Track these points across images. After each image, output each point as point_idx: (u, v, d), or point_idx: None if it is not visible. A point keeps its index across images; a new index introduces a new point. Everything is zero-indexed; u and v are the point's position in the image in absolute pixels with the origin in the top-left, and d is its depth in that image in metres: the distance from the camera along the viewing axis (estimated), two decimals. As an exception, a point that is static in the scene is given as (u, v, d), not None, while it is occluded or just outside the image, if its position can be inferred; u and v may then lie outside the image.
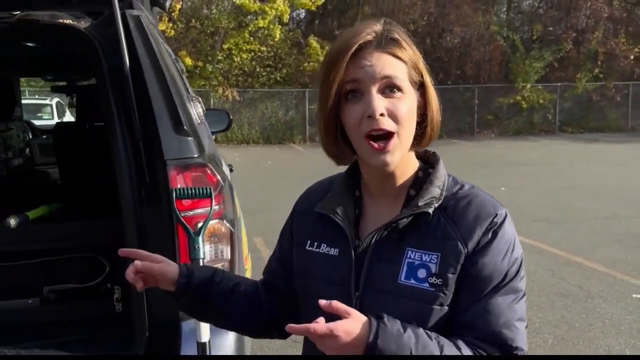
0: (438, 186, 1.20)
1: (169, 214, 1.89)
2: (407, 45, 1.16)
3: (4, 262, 2.24)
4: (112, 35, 2.10)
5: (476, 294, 1.15)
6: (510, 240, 1.18)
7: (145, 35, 2.05)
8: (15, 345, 1.99)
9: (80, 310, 2.25)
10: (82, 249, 2.27)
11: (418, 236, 1.18)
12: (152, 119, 1.97)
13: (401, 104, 1.13)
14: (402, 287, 1.16)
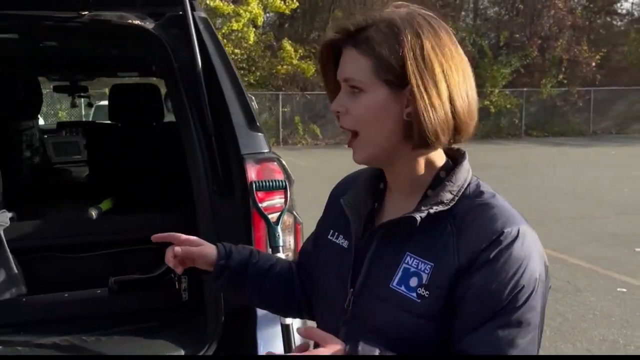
0: (451, 191, 1.11)
1: (243, 205, 2.00)
2: (381, 42, 1.06)
3: (74, 254, 2.30)
4: (177, 36, 2.20)
5: (471, 321, 1.03)
6: (517, 262, 1.03)
7: (214, 36, 2.16)
8: (89, 334, 2.05)
9: (147, 300, 2.32)
10: (147, 241, 2.33)
11: (421, 242, 1.10)
12: (225, 116, 2.07)
13: (357, 104, 1.09)
14: (392, 293, 1.10)
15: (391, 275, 1.10)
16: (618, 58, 26.83)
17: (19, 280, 1.99)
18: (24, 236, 2.11)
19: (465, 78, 1.10)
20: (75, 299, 2.21)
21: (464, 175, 1.13)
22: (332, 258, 1.25)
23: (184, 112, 2.10)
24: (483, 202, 1.10)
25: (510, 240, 1.03)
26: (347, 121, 1.11)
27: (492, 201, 1.10)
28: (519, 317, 1.02)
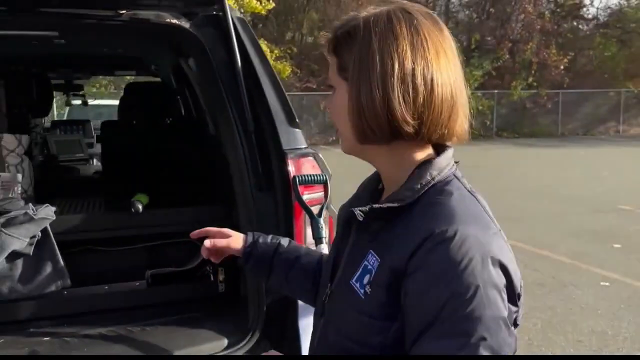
0: (412, 187, 1.06)
1: (283, 199, 2.07)
2: (343, 46, 1.09)
3: (112, 247, 2.33)
4: (213, 35, 2.26)
5: (411, 331, 0.98)
6: (450, 267, 0.94)
7: (252, 35, 2.23)
8: (134, 325, 2.10)
9: (185, 291, 2.37)
10: (182, 235, 2.39)
11: (382, 240, 1.07)
12: (266, 113, 2.14)
13: (330, 102, 1.14)
14: (348, 288, 1.09)
15: (354, 271, 1.09)
16: (584, 62, 27.63)
17: (65, 273, 2.02)
18: (66, 230, 2.14)
19: (436, 75, 1.04)
20: (116, 291, 2.26)
21: (432, 172, 1.07)
22: (330, 252, 1.29)
23: (224, 110, 2.16)
24: (435, 200, 1.04)
25: (442, 241, 0.96)
26: (331, 116, 1.16)
27: (443, 200, 1.03)
28: (454, 327, 0.93)
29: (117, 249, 2.34)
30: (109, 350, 1.92)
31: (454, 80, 1.07)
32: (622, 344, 4.23)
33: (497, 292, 0.95)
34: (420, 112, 1.04)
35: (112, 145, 3.02)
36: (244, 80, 2.13)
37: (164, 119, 3.14)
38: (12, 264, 1.96)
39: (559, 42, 25.37)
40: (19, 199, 2.07)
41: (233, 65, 2.14)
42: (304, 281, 1.41)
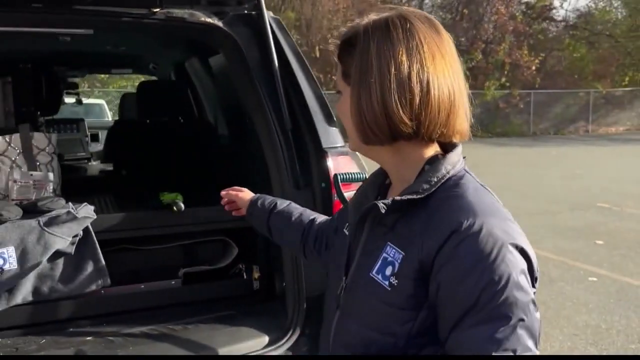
0: (428, 181, 1.12)
1: (322, 197, 2.10)
2: (345, 53, 1.17)
3: (147, 246, 2.32)
4: (246, 34, 2.27)
5: (451, 319, 1.03)
6: (481, 256, 1.01)
7: (287, 35, 2.24)
8: (174, 323, 2.09)
9: (220, 289, 2.36)
10: (215, 233, 2.39)
11: (401, 232, 1.12)
12: (304, 112, 2.16)
13: (338, 104, 1.21)
14: (370, 280, 1.13)
15: (373, 264, 1.13)
16: (554, 63, 28.25)
17: (105, 272, 2.01)
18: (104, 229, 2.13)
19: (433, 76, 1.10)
20: (152, 290, 2.25)
21: (447, 167, 1.13)
22: (338, 248, 1.33)
23: (261, 108, 2.18)
24: (453, 194, 1.10)
25: (471, 233, 1.02)
26: (340, 118, 1.24)
27: (461, 193, 1.09)
28: (492, 312, 0.99)
29: (151, 248, 2.33)
30: (154, 348, 1.91)
31: (452, 81, 1.13)
32: (616, 337, 4.37)
33: (524, 276, 1.03)
34: (417, 113, 1.09)
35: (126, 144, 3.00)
36: (282, 79, 2.14)
37: (177, 118, 3.13)
38: (53, 264, 1.94)
39: (530, 43, 25.89)
40: (59, 197, 2.04)
41: (269, 64, 2.16)
42: (294, 239, 1.66)
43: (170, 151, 2.85)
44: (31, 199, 2.14)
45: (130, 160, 3.03)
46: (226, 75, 2.60)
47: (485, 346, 0.99)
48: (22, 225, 1.89)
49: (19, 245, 1.85)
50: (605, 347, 4.22)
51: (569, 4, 31.63)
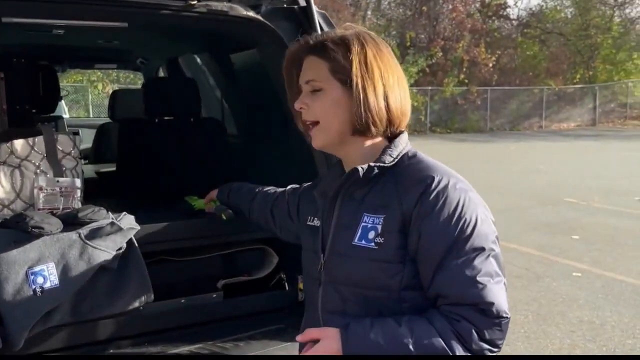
0: (390, 154, 1.35)
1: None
2: (337, 53, 1.34)
3: (185, 257, 2.14)
4: (286, 29, 2.13)
5: (432, 263, 1.24)
6: (454, 201, 1.26)
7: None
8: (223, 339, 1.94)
9: (264, 302, 2.21)
10: (253, 242, 2.24)
11: (374, 201, 1.33)
12: None
13: (318, 101, 1.35)
14: (355, 248, 1.30)
15: (352, 234, 1.32)
16: (509, 60, 28.92)
17: (150, 287, 1.84)
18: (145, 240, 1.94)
19: (399, 82, 1.38)
20: (194, 304, 2.08)
21: (402, 145, 1.38)
22: (306, 238, 1.50)
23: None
24: (414, 161, 1.35)
25: (443, 185, 1.27)
26: (309, 114, 1.37)
27: (422, 159, 1.36)
28: (471, 245, 1.24)
29: (189, 259, 2.16)
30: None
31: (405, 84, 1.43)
32: (611, 333, 4.44)
33: (487, 211, 1.32)
34: (403, 108, 1.38)
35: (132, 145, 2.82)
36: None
37: (188, 117, 2.96)
38: (94, 280, 1.75)
39: (487, 41, 26.40)
40: (100, 208, 1.85)
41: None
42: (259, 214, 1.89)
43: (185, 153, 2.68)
44: (59, 208, 1.95)
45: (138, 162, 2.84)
46: (258, 75, 2.45)
47: (468, 274, 1.21)
48: (61, 239, 1.70)
49: (59, 261, 1.67)
50: (604, 343, 4.27)
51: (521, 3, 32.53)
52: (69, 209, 1.96)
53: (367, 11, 27.01)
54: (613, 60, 28.84)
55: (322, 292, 1.38)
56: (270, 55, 2.20)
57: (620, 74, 28.64)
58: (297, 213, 1.68)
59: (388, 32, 25.36)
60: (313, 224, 1.49)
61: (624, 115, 27.37)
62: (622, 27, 29.85)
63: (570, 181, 11.77)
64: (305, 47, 1.40)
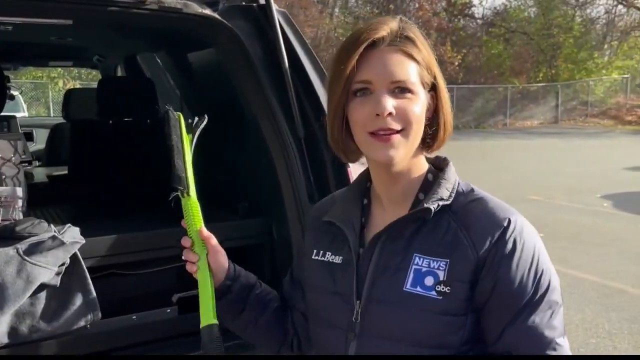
0: (447, 188, 1.16)
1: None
2: (422, 45, 1.13)
3: (137, 271, 2.01)
4: (245, 29, 2.03)
5: (507, 315, 1.07)
6: (532, 249, 1.09)
7: (297, 30, 2.01)
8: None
9: None
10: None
11: (426, 242, 1.12)
12: (317, 116, 1.93)
13: (412, 105, 1.10)
14: (408, 295, 1.10)
15: (402, 279, 1.11)
16: (474, 59, 29.28)
17: (96, 304, 1.70)
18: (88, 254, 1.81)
19: None
20: (146, 321, 1.95)
21: (453, 175, 1.19)
22: (321, 277, 1.23)
23: (268, 113, 1.93)
24: (478, 196, 1.16)
25: (519, 228, 1.09)
26: (396, 122, 1.09)
27: (485, 195, 1.17)
28: (548, 300, 1.07)
29: (141, 272, 2.03)
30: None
31: None
32: (575, 332, 4.45)
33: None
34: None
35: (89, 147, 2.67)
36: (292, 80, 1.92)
37: (145, 118, 2.83)
38: (34, 298, 1.61)
39: (452, 39, 26.66)
40: (41, 220, 1.71)
41: (277, 63, 1.92)
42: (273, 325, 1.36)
43: (142, 156, 2.55)
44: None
45: (91, 166, 2.70)
46: (216, 74, 2.34)
47: (547, 335, 1.06)
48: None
49: (-6, 279, 1.53)
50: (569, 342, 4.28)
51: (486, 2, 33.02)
52: (9, 220, 1.81)
53: (335, 9, 26.99)
54: (575, 59, 29.44)
55: (357, 347, 1.14)
56: (228, 54, 2.09)
57: (581, 73, 29.24)
58: None
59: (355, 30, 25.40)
60: (326, 260, 1.23)
61: (585, 113, 27.92)
62: (583, 26, 30.51)
63: (534, 178, 11.93)
64: (387, 37, 1.11)
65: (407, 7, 26.34)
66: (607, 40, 32.52)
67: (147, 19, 1.91)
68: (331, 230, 1.24)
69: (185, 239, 1.29)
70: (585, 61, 29.37)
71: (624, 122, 25.62)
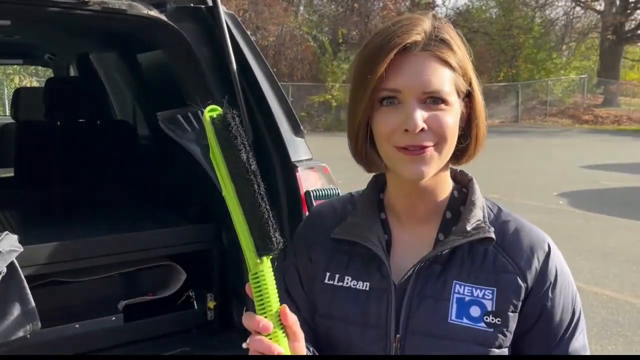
0: (480, 207, 1.06)
1: (290, 216, 1.87)
2: (458, 48, 1.01)
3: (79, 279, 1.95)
4: (192, 30, 1.99)
5: (551, 340, 1.03)
6: (568, 271, 1.07)
7: (245, 33, 1.98)
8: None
9: (169, 323, 2.05)
10: (159, 258, 2.08)
11: (465, 268, 1.03)
12: (267, 121, 1.91)
13: (446, 118, 0.98)
14: (454, 328, 1.00)
15: (444, 309, 1.01)
16: (437, 58, 29.57)
17: (35, 314, 1.65)
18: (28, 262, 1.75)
19: None
20: (90, 329, 1.89)
21: (479, 192, 1.10)
22: (342, 304, 1.06)
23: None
24: (509, 217, 1.08)
25: (555, 252, 1.05)
26: (429, 138, 0.97)
27: (516, 217, 1.09)
28: (582, 322, 1.06)
29: (85, 280, 1.97)
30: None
31: None
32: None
33: None
34: None
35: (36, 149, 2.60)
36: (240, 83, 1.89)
37: (95, 119, 2.76)
38: (-32, 310, 1.56)
39: (416, 38, 26.92)
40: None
41: (225, 66, 1.89)
42: None
43: (91, 158, 2.49)
44: None
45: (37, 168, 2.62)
46: (166, 76, 2.29)
47: (583, 353, 1.04)
48: None
49: None
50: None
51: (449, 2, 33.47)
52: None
53: (300, 7, 26.93)
54: (534, 59, 30.07)
55: None
56: (175, 56, 2.05)
57: (540, 73, 29.89)
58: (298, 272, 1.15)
59: (320, 28, 25.40)
60: (347, 286, 1.06)
61: (544, 112, 28.53)
62: (543, 27, 31.20)
63: (494, 177, 12.12)
64: (422, 41, 0.98)
65: (371, 6, 26.46)
66: (565, 41, 33.34)
67: (93, 19, 1.86)
68: (343, 249, 1.09)
69: (259, 320, 0.85)
70: (544, 61, 30.04)
71: (581, 121, 26.30)
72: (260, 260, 0.86)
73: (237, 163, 0.83)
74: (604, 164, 13.92)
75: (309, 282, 1.12)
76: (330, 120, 23.78)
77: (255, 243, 0.85)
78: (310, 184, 1.89)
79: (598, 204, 9.21)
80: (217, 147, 0.84)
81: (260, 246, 0.85)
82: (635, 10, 29.67)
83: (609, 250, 6.51)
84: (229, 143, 0.83)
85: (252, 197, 0.85)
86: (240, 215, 0.86)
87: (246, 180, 0.84)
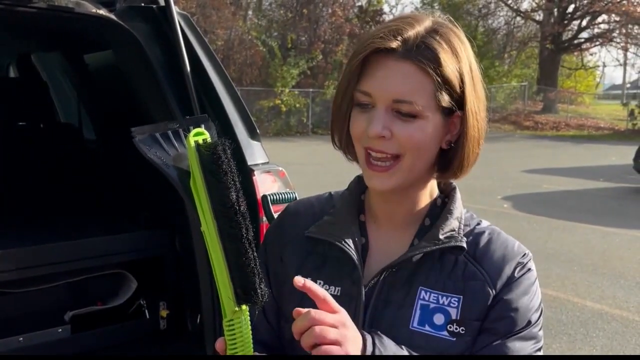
0: (457, 218, 1.04)
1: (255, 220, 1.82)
2: (448, 59, 0.96)
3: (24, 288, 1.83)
4: (144, 30, 1.93)
5: (493, 336, 0.98)
6: (535, 283, 1.03)
7: (198, 34, 1.92)
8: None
9: (119, 333, 1.96)
10: (109, 266, 1.99)
11: (432, 274, 1.01)
12: (222, 124, 1.86)
13: (412, 130, 0.95)
14: (415, 335, 0.98)
15: (407, 315, 0.99)
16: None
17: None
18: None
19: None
20: (35, 342, 1.79)
21: (460, 202, 1.07)
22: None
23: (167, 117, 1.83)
24: (485, 228, 1.06)
25: (528, 261, 1.03)
26: (391, 146, 0.96)
27: (494, 227, 1.07)
28: (535, 332, 1.01)
29: (29, 290, 1.87)
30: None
31: None
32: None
33: None
34: None
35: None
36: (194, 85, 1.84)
37: (37, 122, 2.65)
38: None
39: (364, 45, 27.26)
40: None
41: (178, 67, 1.84)
42: None
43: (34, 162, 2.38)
44: None
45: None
46: (115, 77, 2.22)
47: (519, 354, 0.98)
48: None
49: None
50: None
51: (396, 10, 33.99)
52: None
53: (248, 11, 26.82)
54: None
55: None
56: (125, 56, 1.99)
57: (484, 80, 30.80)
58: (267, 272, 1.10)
59: (269, 33, 25.35)
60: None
61: (488, 118, 29.35)
62: (486, 36, 32.18)
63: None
64: (399, 47, 0.94)
65: (320, 12, 26.60)
66: (507, 50, 34.49)
67: (37, 17, 1.78)
68: (318, 250, 1.06)
69: None
70: (487, 69, 30.94)
71: (522, 127, 27.23)
72: (238, 308, 0.81)
73: (224, 202, 0.75)
74: (545, 168, 14.43)
75: (278, 284, 1.09)
76: (279, 125, 23.74)
77: (235, 291, 0.78)
78: (267, 188, 1.86)
79: (540, 207, 9.53)
80: (201, 179, 0.76)
81: (241, 295, 0.79)
82: (572, 20, 30.99)
83: (551, 252, 6.73)
84: (216, 178, 0.75)
85: (237, 241, 0.77)
86: (221, 258, 0.78)
87: (234, 222, 0.76)
